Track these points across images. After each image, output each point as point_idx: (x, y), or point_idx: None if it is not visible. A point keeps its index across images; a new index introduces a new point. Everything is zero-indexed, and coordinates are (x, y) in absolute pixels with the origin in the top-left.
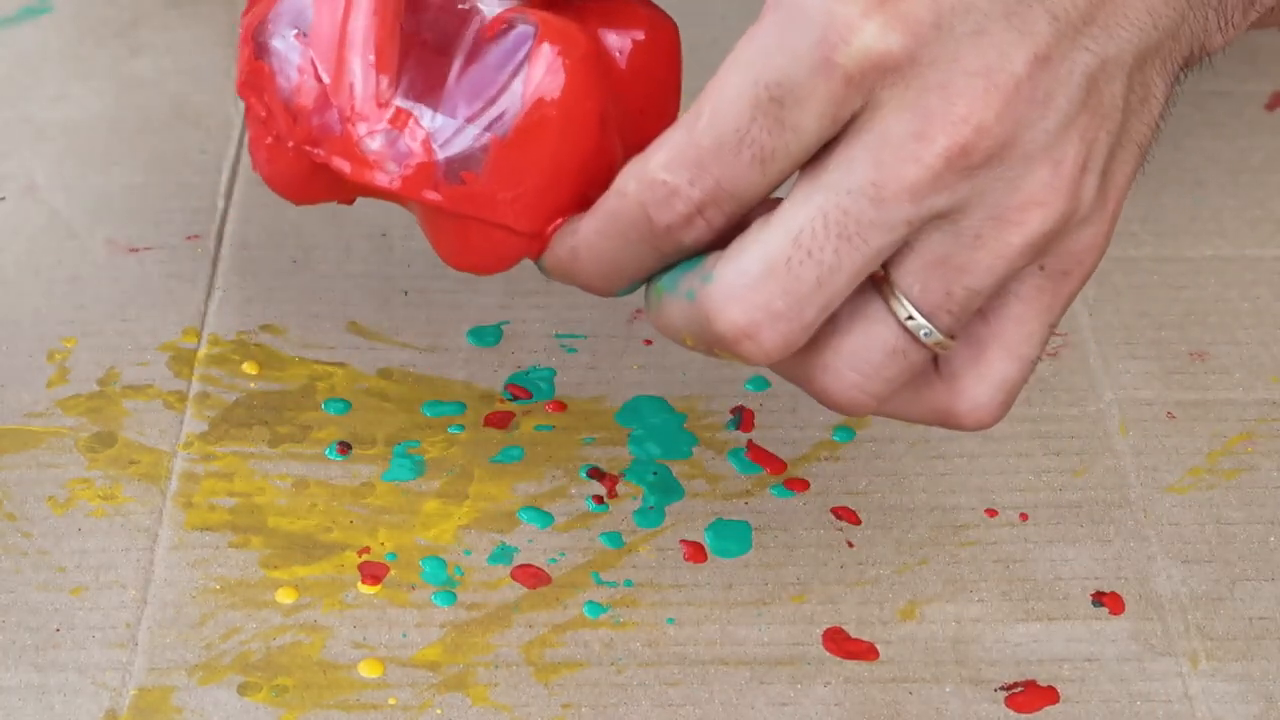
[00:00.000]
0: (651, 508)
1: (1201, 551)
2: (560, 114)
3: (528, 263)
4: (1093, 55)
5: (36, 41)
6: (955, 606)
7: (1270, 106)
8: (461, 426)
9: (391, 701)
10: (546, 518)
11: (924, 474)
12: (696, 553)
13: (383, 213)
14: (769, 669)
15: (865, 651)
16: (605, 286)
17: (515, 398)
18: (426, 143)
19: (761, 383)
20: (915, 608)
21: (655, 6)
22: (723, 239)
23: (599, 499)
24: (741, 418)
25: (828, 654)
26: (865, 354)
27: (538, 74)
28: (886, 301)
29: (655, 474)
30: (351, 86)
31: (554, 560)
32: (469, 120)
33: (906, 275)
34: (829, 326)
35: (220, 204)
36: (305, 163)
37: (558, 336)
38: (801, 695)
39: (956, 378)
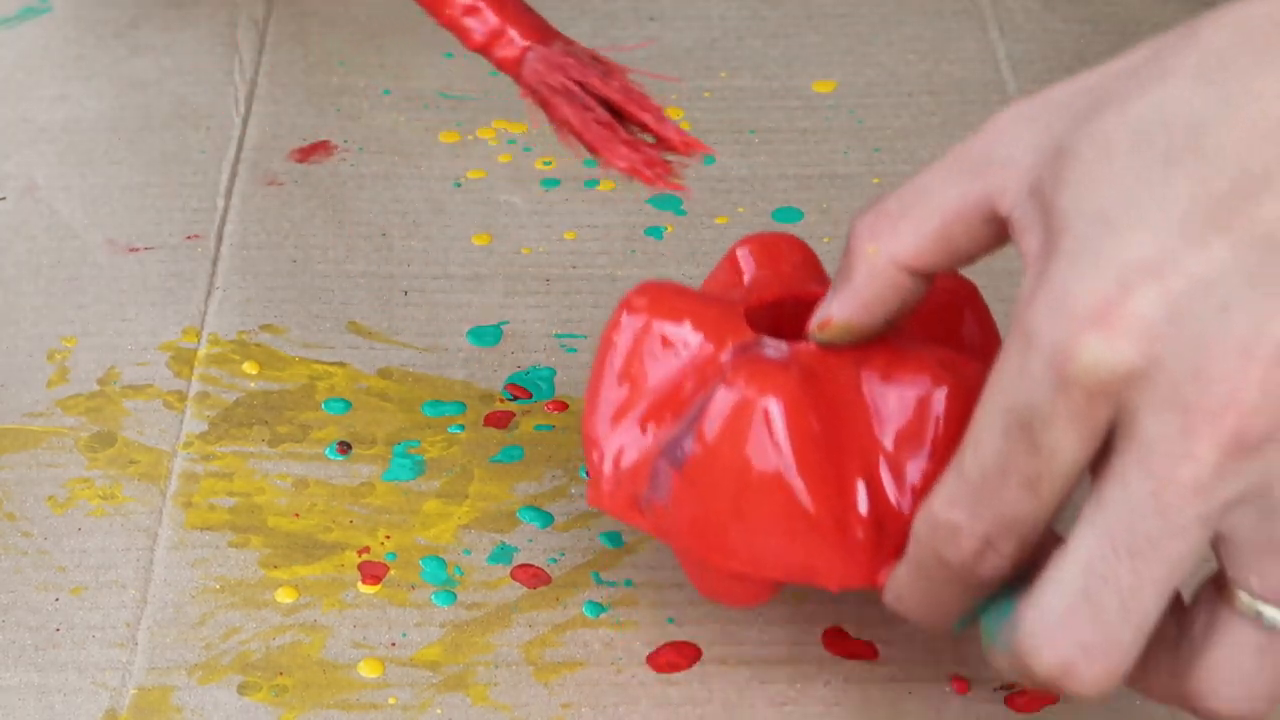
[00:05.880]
0: None
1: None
2: (739, 456)
3: (526, 264)
4: None
5: (36, 41)
6: None
7: None
8: (461, 426)
9: (391, 701)
10: (546, 517)
11: None
12: None
13: (382, 212)
14: (769, 669)
15: (865, 651)
16: (936, 624)
17: (515, 397)
18: (633, 473)
19: None
20: None
21: (953, 354)
22: (1028, 568)
23: None
24: None
25: (828, 654)
26: (1234, 666)
27: (711, 414)
28: (1232, 605)
29: None
30: (595, 425)
31: (554, 560)
32: (665, 454)
33: (1240, 570)
34: (1187, 649)
35: (220, 204)
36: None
37: (558, 336)
38: (801, 695)
39: None
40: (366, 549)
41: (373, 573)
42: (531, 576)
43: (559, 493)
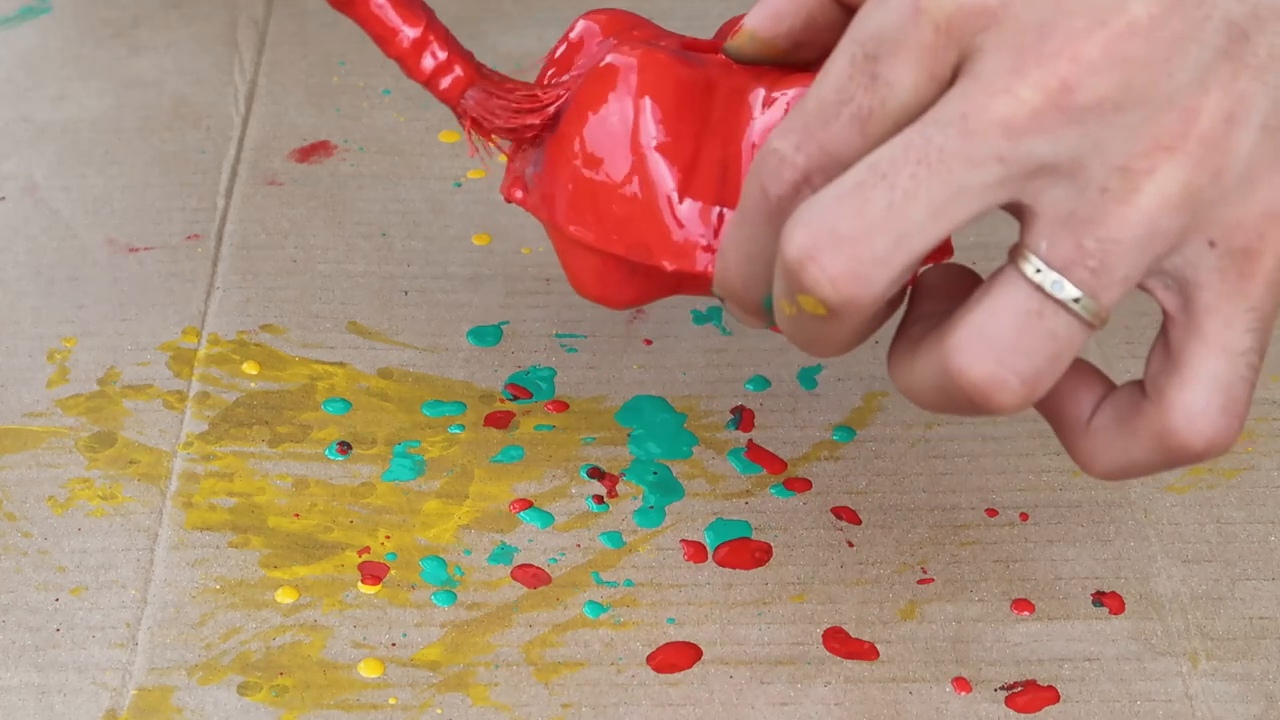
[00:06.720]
0: (651, 507)
1: (1201, 551)
2: (598, 117)
3: (526, 264)
4: (1239, 2)
5: (36, 41)
6: (955, 606)
7: None
8: (461, 426)
9: (391, 701)
10: (546, 517)
11: (924, 474)
12: (697, 552)
13: (382, 212)
14: (769, 669)
15: (865, 651)
16: (751, 295)
17: (515, 397)
18: (526, 155)
19: (762, 382)
20: (915, 608)
21: None
22: None
23: (599, 499)
24: (741, 417)
25: (828, 654)
26: (997, 321)
27: (585, 85)
28: (1016, 264)
29: (655, 474)
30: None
31: (554, 560)
32: (547, 127)
33: (1033, 234)
34: (962, 311)
35: (220, 204)
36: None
37: (558, 336)
38: (801, 695)
39: (1162, 392)
40: (367, 549)
41: (373, 573)
42: (531, 576)
43: (559, 493)
